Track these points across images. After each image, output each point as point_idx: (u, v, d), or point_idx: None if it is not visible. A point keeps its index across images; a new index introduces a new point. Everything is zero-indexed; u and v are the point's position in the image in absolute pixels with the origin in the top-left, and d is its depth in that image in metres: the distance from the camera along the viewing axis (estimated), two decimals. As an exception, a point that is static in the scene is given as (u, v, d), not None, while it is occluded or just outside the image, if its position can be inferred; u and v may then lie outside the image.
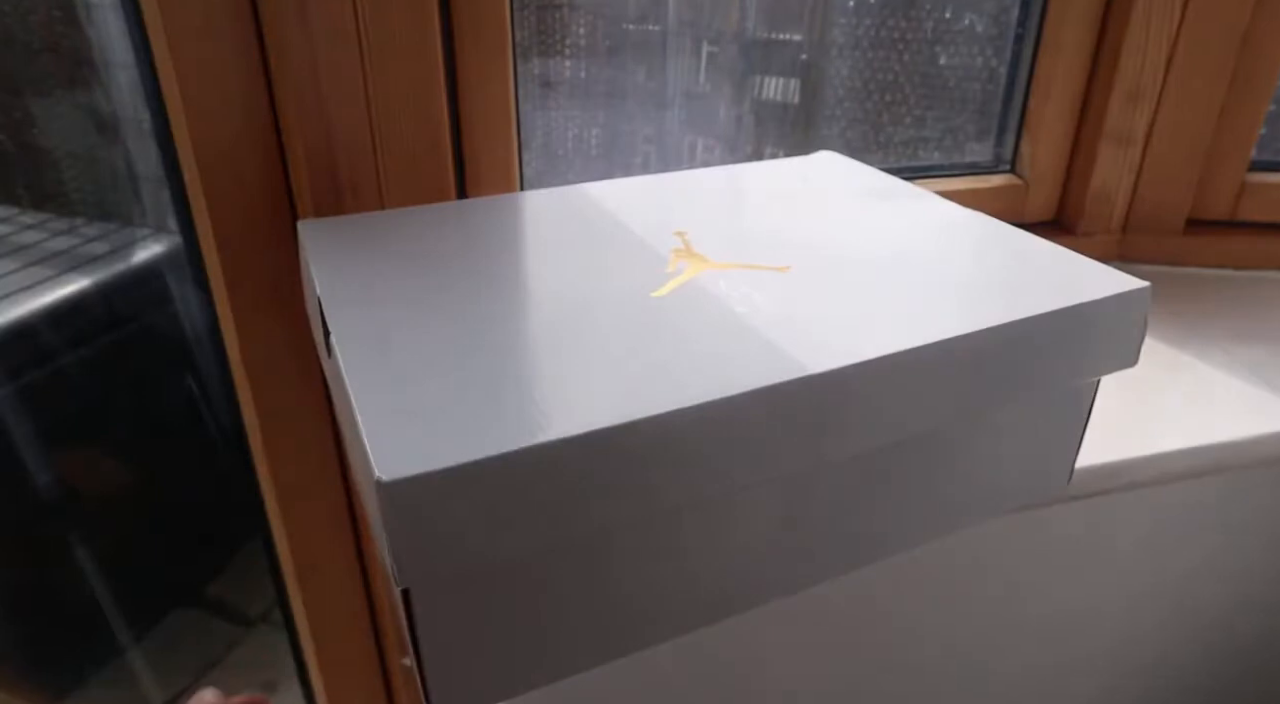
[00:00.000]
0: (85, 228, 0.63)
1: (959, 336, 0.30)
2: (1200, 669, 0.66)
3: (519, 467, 0.23)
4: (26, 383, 0.62)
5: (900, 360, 0.29)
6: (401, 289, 0.32)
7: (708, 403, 0.25)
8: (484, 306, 0.31)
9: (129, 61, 0.47)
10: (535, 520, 0.25)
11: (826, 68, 0.64)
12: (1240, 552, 0.59)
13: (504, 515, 0.24)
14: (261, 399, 0.50)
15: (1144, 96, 0.61)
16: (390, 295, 0.32)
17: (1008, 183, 0.66)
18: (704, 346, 0.28)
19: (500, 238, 0.38)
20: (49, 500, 0.66)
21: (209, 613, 0.81)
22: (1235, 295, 0.64)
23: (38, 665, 0.71)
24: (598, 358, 0.28)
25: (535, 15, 0.54)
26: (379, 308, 0.31)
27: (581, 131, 0.60)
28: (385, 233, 0.39)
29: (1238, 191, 0.66)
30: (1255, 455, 0.48)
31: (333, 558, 0.57)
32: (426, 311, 0.31)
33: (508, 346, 0.28)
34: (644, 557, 0.29)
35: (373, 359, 0.27)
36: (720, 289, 0.33)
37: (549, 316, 0.31)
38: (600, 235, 0.38)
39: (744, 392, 0.26)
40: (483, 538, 0.24)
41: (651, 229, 0.39)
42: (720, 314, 0.31)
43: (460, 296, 0.32)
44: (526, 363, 0.27)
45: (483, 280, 0.33)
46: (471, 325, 0.30)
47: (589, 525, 0.26)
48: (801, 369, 0.27)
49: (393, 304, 0.31)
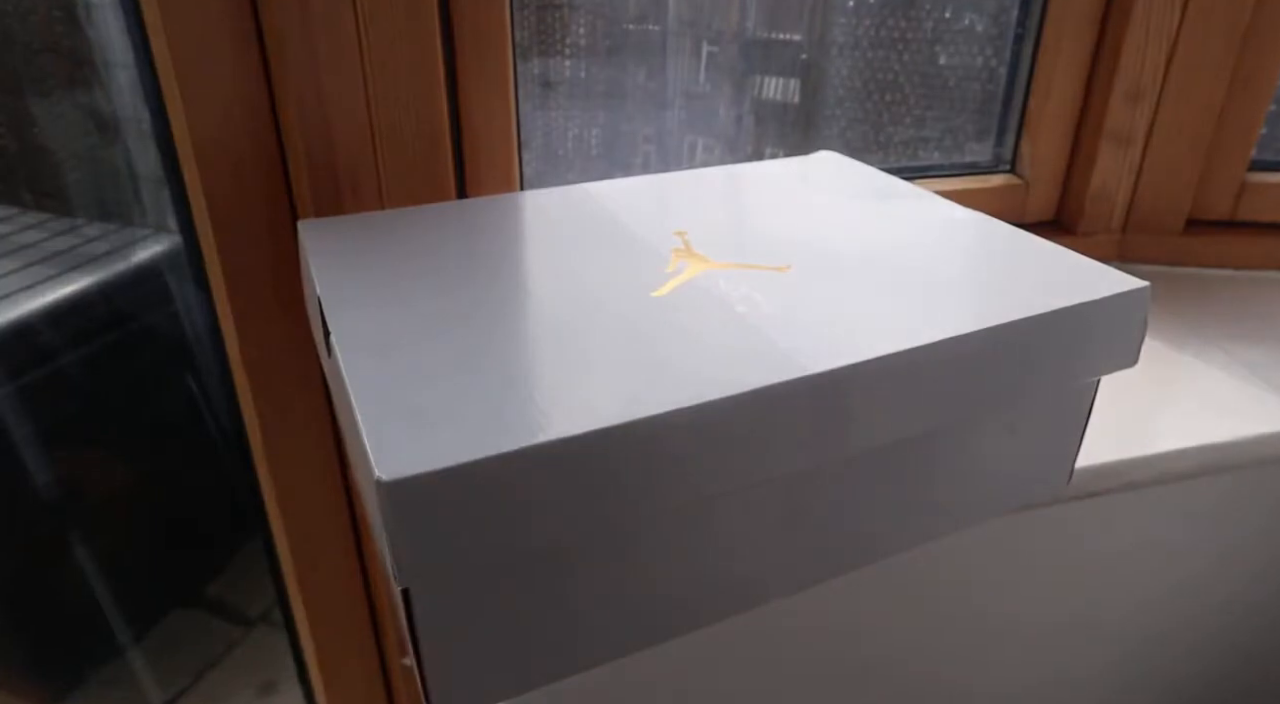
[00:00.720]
0: (85, 228, 0.63)
1: (958, 337, 0.30)
2: (1200, 669, 0.66)
3: (518, 467, 0.23)
4: (26, 383, 0.62)
5: (899, 360, 0.29)
6: (401, 289, 0.32)
7: (707, 403, 0.25)
8: (484, 307, 0.31)
9: (129, 61, 0.47)
10: (535, 521, 0.25)
11: (826, 68, 0.64)
12: (1241, 552, 0.59)
13: (504, 516, 0.24)
14: (261, 399, 0.50)
15: (1144, 96, 0.61)
16: (390, 295, 0.32)
17: (1007, 183, 0.66)
18: (704, 346, 0.28)
19: (500, 238, 0.38)
20: (49, 500, 0.66)
21: (209, 613, 0.81)
22: (1235, 295, 0.64)
23: (37, 665, 0.71)
24: (598, 358, 0.28)
25: (535, 15, 0.54)
26: (379, 308, 0.31)
27: (581, 131, 0.60)
28: (386, 233, 0.39)
29: (1238, 191, 0.66)
30: (1255, 455, 0.48)
31: (333, 558, 0.57)
32: (427, 312, 0.31)
33: (508, 346, 0.28)
34: (643, 557, 0.29)
35: (373, 359, 0.27)
36: (720, 289, 0.33)
37: (549, 317, 0.31)
38: (600, 235, 0.38)
39: (744, 391, 0.26)
40: (483, 538, 0.24)
41: (651, 229, 0.39)
42: (721, 314, 0.31)
43: (460, 297, 0.32)
44: (527, 363, 0.27)
45: (483, 280, 0.33)
46: (472, 325, 0.30)
47: (589, 526, 0.26)
48: (801, 369, 0.27)
49: (393, 304, 0.31)
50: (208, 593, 0.80)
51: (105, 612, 0.72)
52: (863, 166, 0.49)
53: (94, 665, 0.73)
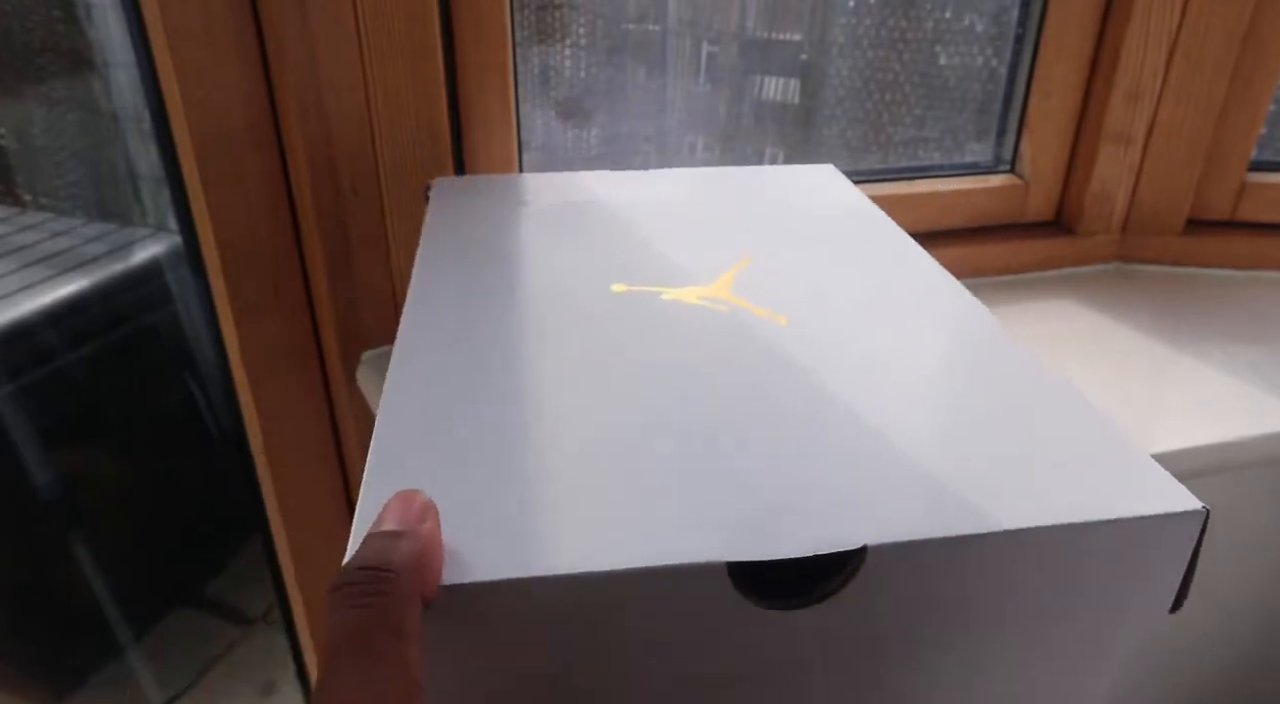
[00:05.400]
0: (84, 228, 0.63)
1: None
2: (1198, 669, 0.66)
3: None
4: (26, 383, 0.62)
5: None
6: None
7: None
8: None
9: (129, 61, 0.47)
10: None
11: (826, 67, 0.64)
12: (1240, 552, 0.59)
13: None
14: (261, 399, 0.50)
15: (1144, 96, 0.61)
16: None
17: (1008, 183, 0.66)
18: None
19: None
20: (49, 500, 0.66)
21: (208, 613, 0.81)
22: (1235, 295, 0.64)
23: (37, 665, 0.71)
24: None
25: (535, 14, 0.54)
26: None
27: (581, 130, 0.60)
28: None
29: (1238, 191, 0.66)
30: (1255, 455, 0.48)
31: (332, 558, 0.57)
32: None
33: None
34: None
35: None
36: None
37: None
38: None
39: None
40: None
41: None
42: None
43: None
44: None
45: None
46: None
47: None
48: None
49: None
50: (207, 593, 0.80)
51: (105, 612, 0.72)
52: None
53: (94, 665, 0.73)
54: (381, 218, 0.48)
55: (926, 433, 0.25)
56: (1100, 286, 0.65)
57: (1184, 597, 0.24)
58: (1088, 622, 0.24)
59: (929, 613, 0.22)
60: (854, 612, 0.22)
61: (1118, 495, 0.22)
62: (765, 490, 0.23)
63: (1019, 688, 0.25)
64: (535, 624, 0.21)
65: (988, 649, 0.24)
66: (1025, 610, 0.23)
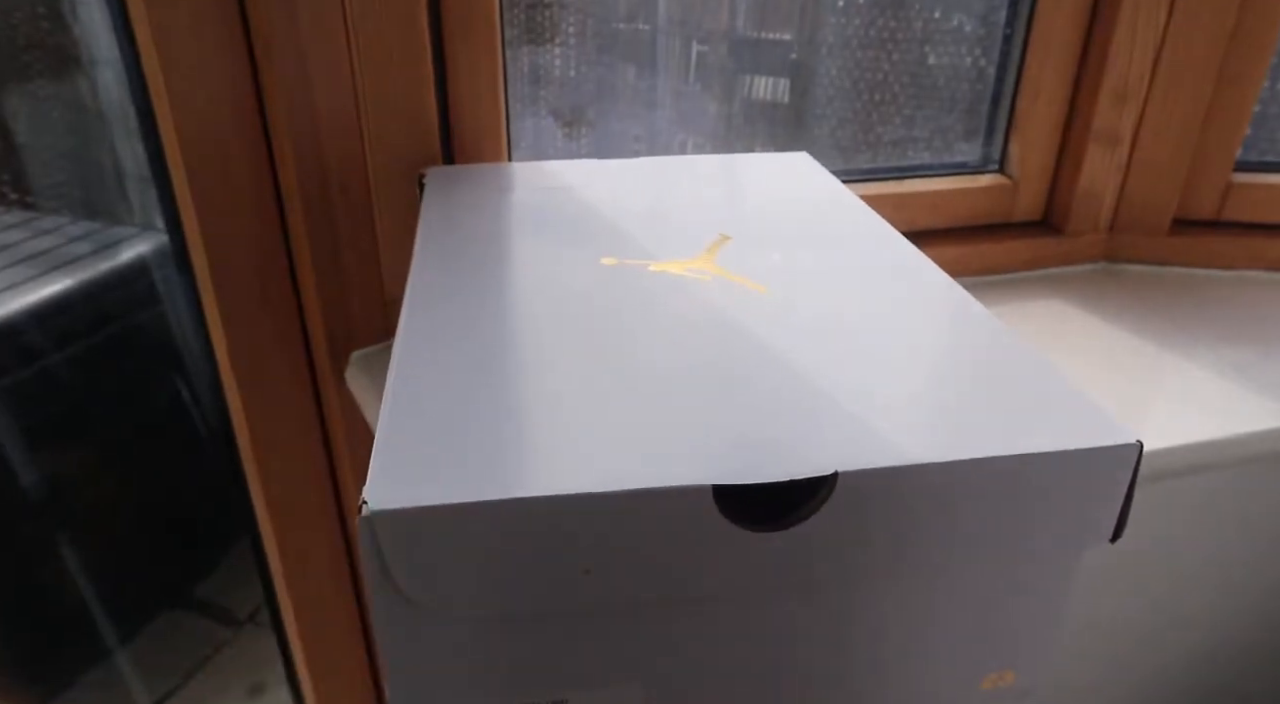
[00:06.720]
0: (70, 226, 0.63)
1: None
2: (1195, 667, 0.67)
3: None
4: (11, 383, 0.61)
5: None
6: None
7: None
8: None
9: (115, 58, 0.47)
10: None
11: (816, 67, 0.64)
12: (1227, 549, 0.60)
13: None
14: (249, 399, 0.50)
15: (1131, 97, 0.62)
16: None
17: (996, 182, 0.66)
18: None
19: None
20: (36, 501, 0.65)
21: (197, 614, 0.80)
22: (1221, 295, 0.64)
23: (25, 666, 0.71)
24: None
25: (524, 13, 0.54)
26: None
27: (571, 128, 0.60)
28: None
29: (1224, 192, 0.66)
30: (1240, 454, 0.49)
31: (321, 559, 0.57)
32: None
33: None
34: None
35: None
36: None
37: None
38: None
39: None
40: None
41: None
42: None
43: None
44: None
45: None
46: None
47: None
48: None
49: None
50: (196, 594, 0.80)
51: (94, 613, 0.71)
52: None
53: (82, 666, 0.73)
54: (370, 216, 0.48)
55: (892, 379, 0.28)
56: (1087, 286, 0.65)
57: (1123, 526, 0.27)
58: (1038, 546, 0.26)
59: (893, 542, 0.25)
60: (828, 537, 0.24)
61: (1062, 431, 0.25)
62: (747, 426, 0.25)
63: (973, 616, 0.28)
64: (533, 548, 0.23)
65: (946, 577, 0.27)
66: (981, 538, 0.26)
